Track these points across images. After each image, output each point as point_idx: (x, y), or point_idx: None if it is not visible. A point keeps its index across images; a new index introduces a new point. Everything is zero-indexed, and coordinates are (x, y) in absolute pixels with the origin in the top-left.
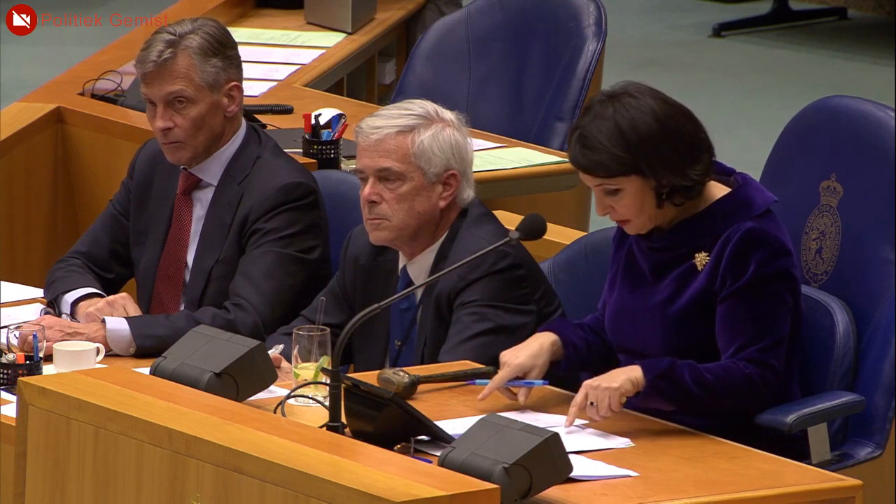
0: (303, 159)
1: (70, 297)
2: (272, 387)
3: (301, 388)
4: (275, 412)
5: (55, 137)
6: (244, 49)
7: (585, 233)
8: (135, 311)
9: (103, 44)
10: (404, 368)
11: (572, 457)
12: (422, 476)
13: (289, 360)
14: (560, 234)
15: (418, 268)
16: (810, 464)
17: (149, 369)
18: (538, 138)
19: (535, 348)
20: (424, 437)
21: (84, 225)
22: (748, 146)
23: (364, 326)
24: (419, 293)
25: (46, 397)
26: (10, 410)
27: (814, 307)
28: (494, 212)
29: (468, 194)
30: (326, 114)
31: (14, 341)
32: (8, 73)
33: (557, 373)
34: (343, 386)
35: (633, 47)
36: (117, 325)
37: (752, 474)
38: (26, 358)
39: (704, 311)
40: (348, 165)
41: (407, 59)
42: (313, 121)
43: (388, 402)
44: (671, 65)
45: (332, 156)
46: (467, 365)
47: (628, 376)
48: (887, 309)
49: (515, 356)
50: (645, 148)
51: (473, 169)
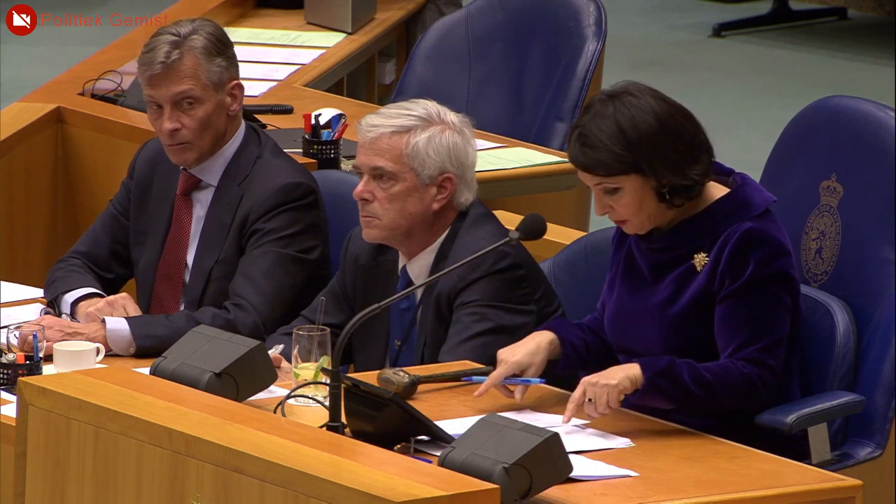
0: (303, 159)
1: (70, 297)
2: (272, 387)
3: (301, 388)
4: (275, 412)
5: (55, 137)
6: (244, 49)
7: (585, 233)
8: (135, 311)
9: (103, 44)
10: (404, 368)
11: (572, 457)
12: (422, 476)
13: (289, 360)
14: (560, 234)
15: (418, 268)
16: (810, 464)
17: (149, 369)
18: (538, 138)
19: (532, 346)
20: (424, 437)
21: (84, 225)
22: (748, 146)
23: (364, 326)
24: (419, 293)
25: (46, 397)
26: (10, 410)
27: (814, 307)
28: (494, 212)
29: (466, 198)
30: (326, 114)
31: (14, 341)
32: (8, 73)
33: (555, 372)
34: (343, 386)
35: (633, 47)
36: (117, 325)
37: (753, 474)
38: (26, 358)
39: (704, 311)
40: (348, 165)
41: (407, 59)
42: (313, 121)
43: (388, 402)
44: (671, 65)
45: (332, 156)
46: (467, 365)
47: (627, 373)
48: (887, 309)
49: (513, 354)
50: (645, 147)
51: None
